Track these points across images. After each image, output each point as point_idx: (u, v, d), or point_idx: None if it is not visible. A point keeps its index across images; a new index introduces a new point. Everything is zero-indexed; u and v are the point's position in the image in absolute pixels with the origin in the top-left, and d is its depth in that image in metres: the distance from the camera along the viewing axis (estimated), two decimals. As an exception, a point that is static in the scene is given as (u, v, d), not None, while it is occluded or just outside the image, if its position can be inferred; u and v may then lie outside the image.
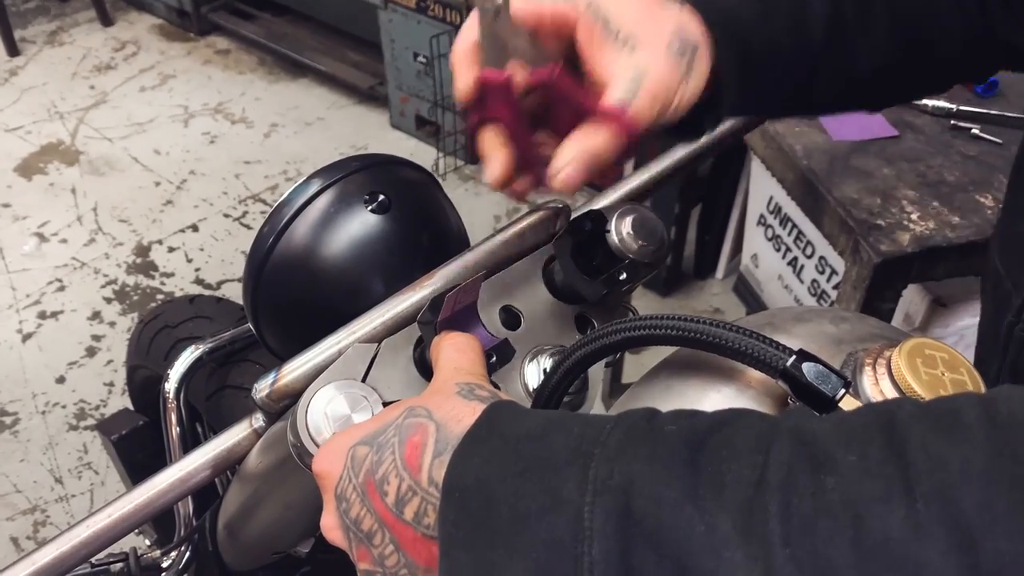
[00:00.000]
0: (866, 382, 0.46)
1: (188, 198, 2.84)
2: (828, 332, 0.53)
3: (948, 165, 1.25)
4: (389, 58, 2.94)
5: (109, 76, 3.46)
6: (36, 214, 2.78)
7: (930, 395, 0.44)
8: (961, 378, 0.46)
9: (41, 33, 3.73)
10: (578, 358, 0.52)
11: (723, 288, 2.50)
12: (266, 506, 0.66)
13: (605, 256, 0.63)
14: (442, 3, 2.63)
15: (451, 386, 0.48)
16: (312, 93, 3.34)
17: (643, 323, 0.49)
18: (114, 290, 2.50)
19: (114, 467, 1.90)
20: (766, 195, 2.14)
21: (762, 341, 0.45)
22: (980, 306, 0.78)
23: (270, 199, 2.83)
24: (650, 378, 0.55)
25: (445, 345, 0.53)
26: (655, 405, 0.41)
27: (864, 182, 1.22)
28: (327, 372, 0.56)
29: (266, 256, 0.66)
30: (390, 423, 0.47)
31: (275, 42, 3.41)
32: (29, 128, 3.17)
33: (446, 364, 0.52)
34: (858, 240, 1.14)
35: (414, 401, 0.48)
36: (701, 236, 2.46)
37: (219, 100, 3.31)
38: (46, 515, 1.94)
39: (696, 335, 0.47)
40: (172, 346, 1.16)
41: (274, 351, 0.71)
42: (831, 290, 1.95)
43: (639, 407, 0.41)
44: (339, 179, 0.67)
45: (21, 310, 2.44)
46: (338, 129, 3.16)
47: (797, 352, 0.45)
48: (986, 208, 1.17)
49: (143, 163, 3.00)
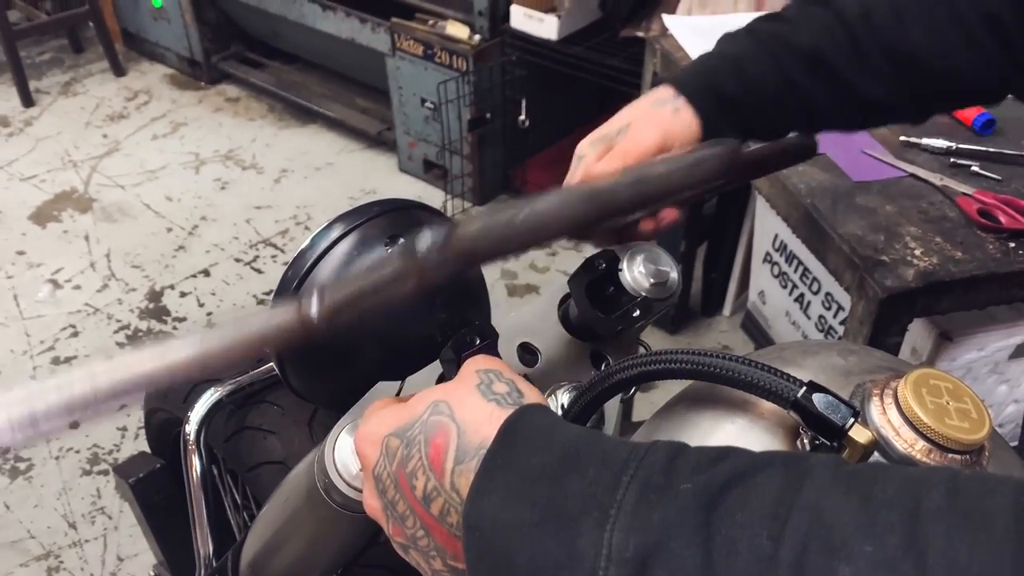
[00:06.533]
0: (874, 411, 0.48)
1: (199, 243, 2.88)
2: (836, 364, 0.55)
3: (949, 202, 1.28)
4: (397, 104, 2.99)
5: (122, 125, 3.52)
6: (50, 261, 2.81)
7: (935, 423, 0.46)
8: (965, 407, 0.47)
9: (55, 84, 3.80)
10: (596, 393, 0.54)
11: (731, 325, 2.51)
12: (292, 543, 0.67)
13: (618, 294, 0.65)
14: (448, 51, 2.69)
15: (472, 376, 0.50)
16: (321, 139, 3.40)
17: (659, 358, 0.51)
18: (127, 335, 2.52)
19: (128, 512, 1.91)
20: (771, 233, 2.16)
21: (773, 373, 0.47)
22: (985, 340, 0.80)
23: (280, 243, 2.87)
24: (666, 411, 0.57)
25: (470, 360, 0.55)
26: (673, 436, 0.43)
27: (867, 219, 1.24)
28: (352, 410, 0.58)
29: (291, 299, 0.69)
30: (417, 418, 0.49)
31: (284, 89, 3.47)
32: (43, 177, 3.22)
33: (471, 362, 0.53)
34: (863, 276, 1.16)
35: (439, 393, 0.50)
36: (708, 274, 2.48)
37: (230, 147, 3.37)
38: (59, 560, 1.94)
39: (710, 368, 0.49)
40: (191, 388, 1.18)
41: (298, 392, 0.73)
42: (838, 325, 1.96)
43: (661, 440, 0.42)
44: (360, 224, 0.70)
45: (35, 356, 2.46)
46: (347, 174, 3.21)
47: (807, 384, 0.47)
48: (988, 243, 1.19)
49: (155, 209, 3.04)
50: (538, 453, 0.43)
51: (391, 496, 0.49)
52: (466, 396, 0.49)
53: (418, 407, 0.50)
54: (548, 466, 0.42)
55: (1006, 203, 1.24)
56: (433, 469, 0.47)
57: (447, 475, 0.46)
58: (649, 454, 0.40)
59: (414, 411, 0.50)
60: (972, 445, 0.47)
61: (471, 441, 0.46)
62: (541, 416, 0.46)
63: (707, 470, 0.38)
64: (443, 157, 2.92)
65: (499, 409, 0.47)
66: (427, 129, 2.94)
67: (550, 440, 0.43)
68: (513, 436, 0.44)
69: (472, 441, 0.46)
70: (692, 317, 2.52)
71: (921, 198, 1.29)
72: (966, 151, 1.37)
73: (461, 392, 0.49)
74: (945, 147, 1.38)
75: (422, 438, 0.48)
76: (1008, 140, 1.42)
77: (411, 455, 0.48)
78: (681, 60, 1.67)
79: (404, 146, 3.09)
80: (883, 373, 0.52)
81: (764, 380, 0.47)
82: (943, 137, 1.39)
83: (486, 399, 0.48)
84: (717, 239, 2.41)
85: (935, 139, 1.39)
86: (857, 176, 1.33)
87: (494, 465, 0.43)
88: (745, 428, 0.51)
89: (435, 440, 0.47)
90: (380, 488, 0.50)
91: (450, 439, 0.47)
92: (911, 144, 1.40)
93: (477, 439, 0.46)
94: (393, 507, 0.49)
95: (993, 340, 1.54)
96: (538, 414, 0.46)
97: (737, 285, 2.47)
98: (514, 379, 0.50)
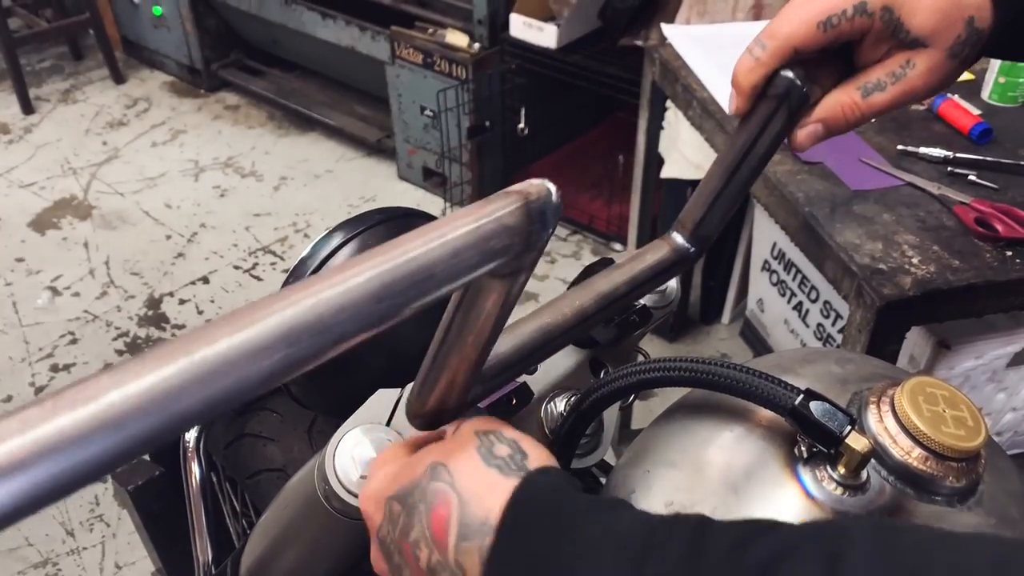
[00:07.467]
0: (871, 419, 0.49)
1: (199, 251, 2.89)
2: (834, 372, 0.56)
3: (946, 210, 1.28)
4: (396, 112, 3.00)
5: (121, 132, 3.53)
6: (49, 268, 2.82)
7: (932, 431, 0.46)
8: (961, 414, 0.48)
9: (55, 91, 3.81)
10: (595, 400, 0.54)
11: (729, 333, 2.52)
12: (292, 550, 0.67)
13: (617, 302, 0.65)
14: (448, 59, 2.69)
15: (471, 438, 0.48)
16: (321, 146, 3.40)
17: (657, 365, 0.51)
18: (126, 342, 2.53)
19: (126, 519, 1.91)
20: (770, 241, 2.17)
21: (771, 381, 0.48)
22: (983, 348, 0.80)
23: (280, 251, 2.87)
24: (665, 418, 0.57)
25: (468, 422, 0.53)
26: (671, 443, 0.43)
27: (865, 227, 1.24)
28: (353, 417, 0.58)
29: (291, 306, 0.69)
30: (415, 481, 0.47)
31: (284, 97, 3.48)
32: (43, 184, 3.23)
33: (469, 423, 0.51)
34: (861, 284, 1.17)
35: (437, 454, 0.48)
36: (706, 282, 2.49)
37: (229, 154, 3.38)
38: (57, 568, 1.94)
39: (707, 376, 0.49)
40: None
41: (298, 399, 0.73)
42: (836, 334, 1.96)
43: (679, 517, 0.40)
44: (361, 231, 0.70)
45: (34, 363, 2.46)
46: (347, 181, 3.21)
47: (804, 391, 0.47)
48: (985, 252, 1.20)
49: (154, 217, 3.05)
50: (548, 537, 0.41)
51: (397, 561, 0.48)
52: (466, 461, 0.46)
53: (416, 469, 0.48)
54: (560, 555, 0.40)
55: (1003, 212, 1.24)
56: (435, 543, 0.45)
57: (450, 551, 0.44)
58: (669, 542, 0.38)
59: (414, 472, 0.48)
60: (968, 452, 0.47)
61: (475, 515, 0.44)
62: (547, 488, 0.43)
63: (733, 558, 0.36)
64: (442, 165, 2.93)
65: (502, 478, 0.44)
66: (426, 137, 2.95)
67: (559, 521, 0.41)
68: (519, 516, 0.42)
69: (476, 515, 0.44)
70: (691, 325, 2.53)
71: (918, 207, 1.29)
72: (963, 160, 1.38)
73: (461, 457, 0.47)
74: (942, 156, 1.38)
75: (423, 508, 0.46)
76: (1005, 149, 1.42)
77: (412, 524, 0.46)
78: (679, 69, 1.67)
79: (404, 154, 3.10)
80: (880, 381, 0.53)
81: (761, 388, 0.48)
82: (940, 146, 1.40)
83: (487, 465, 0.46)
84: (716, 247, 2.41)
85: (932, 148, 1.39)
86: (855, 185, 1.33)
87: (503, 555, 0.42)
88: (743, 435, 0.51)
89: (436, 511, 0.45)
90: (386, 552, 0.49)
91: (451, 511, 0.45)
92: (908, 153, 1.40)
93: (481, 513, 0.44)
94: (399, 572, 0.48)
95: (991, 348, 1.54)
96: (543, 484, 0.44)
97: (736, 293, 2.48)
98: (516, 438, 0.48)
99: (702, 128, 1.61)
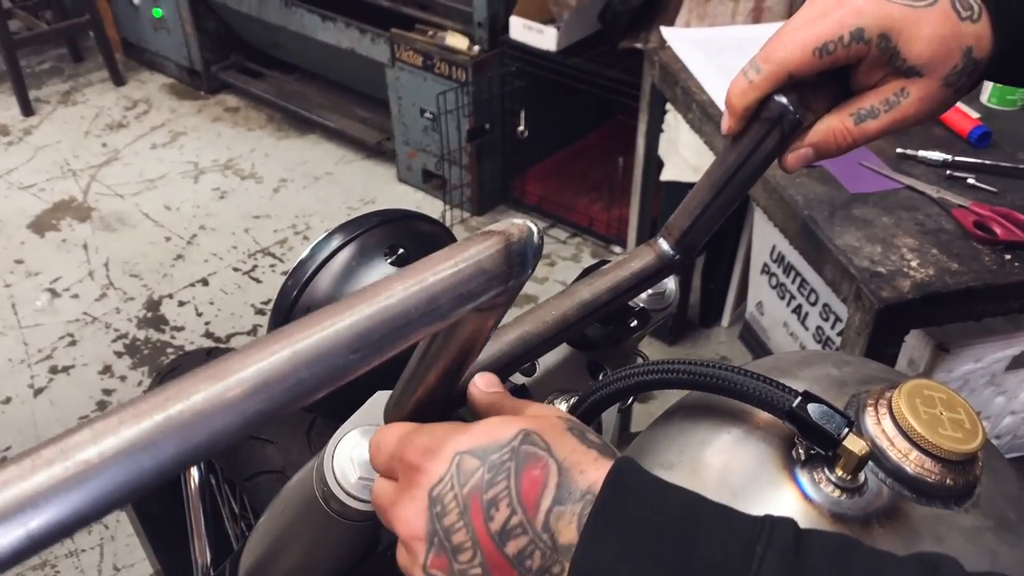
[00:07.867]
0: (868, 421, 0.49)
1: (198, 253, 2.89)
2: (832, 375, 0.56)
3: (945, 214, 1.28)
4: (396, 114, 3.00)
5: (121, 134, 3.53)
6: (49, 270, 2.82)
7: (929, 433, 0.46)
8: (959, 417, 0.48)
9: (55, 93, 3.82)
10: (593, 402, 0.54)
11: (729, 336, 2.52)
12: (290, 552, 0.67)
13: (616, 305, 0.66)
14: (448, 61, 2.70)
15: (556, 420, 0.46)
16: (320, 148, 3.41)
17: (655, 368, 0.51)
18: (125, 344, 2.53)
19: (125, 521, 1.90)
20: (769, 244, 2.17)
21: (769, 384, 0.48)
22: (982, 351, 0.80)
23: (279, 253, 2.87)
24: (664, 420, 0.57)
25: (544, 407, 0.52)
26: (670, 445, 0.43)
27: (864, 230, 1.25)
28: (352, 419, 0.59)
29: (290, 308, 0.69)
30: (503, 442, 0.45)
31: (284, 99, 3.49)
32: (43, 186, 3.23)
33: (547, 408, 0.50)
34: (860, 287, 1.17)
35: (526, 422, 0.46)
36: (706, 285, 2.49)
37: (229, 156, 3.38)
38: (56, 570, 1.94)
39: (706, 378, 0.49)
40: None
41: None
42: (835, 336, 1.97)
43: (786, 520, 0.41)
44: (360, 233, 0.70)
45: (33, 365, 2.46)
46: (346, 183, 3.21)
47: (802, 394, 0.47)
48: (984, 255, 1.20)
49: (154, 219, 3.05)
50: (656, 509, 0.40)
51: (449, 523, 0.44)
52: (561, 436, 0.45)
53: (502, 430, 0.45)
54: (669, 524, 0.40)
55: (1002, 215, 1.25)
56: (524, 504, 0.42)
57: (541, 513, 0.42)
58: (778, 528, 0.39)
59: (496, 434, 0.45)
60: (965, 455, 0.47)
61: (575, 483, 0.42)
62: (645, 471, 0.43)
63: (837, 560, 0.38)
64: (442, 167, 2.93)
65: (602, 457, 0.43)
66: (426, 139, 2.95)
67: (664, 497, 0.41)
68: (625, 487, 0.41)
69: (576, 484, 0.42)
70: (690, 328, 2.53)
71: (917, 210, 1.30)
72: (962, 163, 1.38)
73: (554, 432, 0.45)
74: (941, 159, 1.39)
75: (512, 466, 0.43)
76: (1004, 153, 1.43)
77: (495, 481, 0.43)
78: (679, 72, 1.68)
79: (403, 156, 3.10)
80: (878, 384, 0.53)
81: (760, 390, 0.48)
82: (939, 149, 1.40)
83: (585, 445, 0.44)
84: (715, 250, 2.42)
85: (932, 151, 1.40)
86: (854, 188, 1.33)
87: (609, 514, 0.40)
88: (741, 437, 0.51)
89: (530, 472, 0.43)
90: (435, 511, 0.44)
91: (549, 475, 0.43)
92: (908, 156, 1.40)
93: (583, 483, 0.42)
94: (447, 536, 0.44)
95: (990, 352, 1.54)
96: (641, 468, 0.43)
97: (735, 296, 2.48)
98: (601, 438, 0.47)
99: (702, 131, 1.61)
